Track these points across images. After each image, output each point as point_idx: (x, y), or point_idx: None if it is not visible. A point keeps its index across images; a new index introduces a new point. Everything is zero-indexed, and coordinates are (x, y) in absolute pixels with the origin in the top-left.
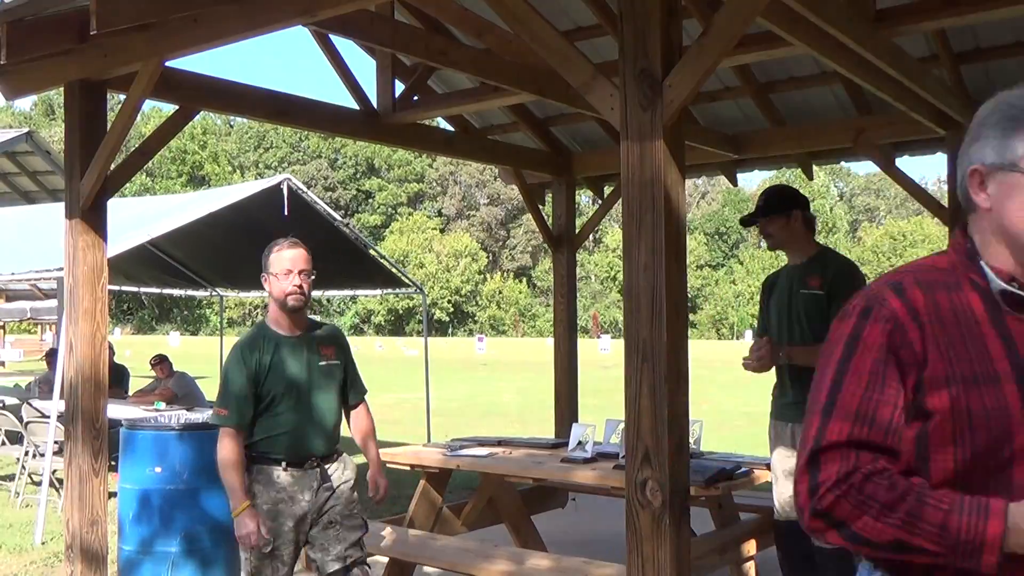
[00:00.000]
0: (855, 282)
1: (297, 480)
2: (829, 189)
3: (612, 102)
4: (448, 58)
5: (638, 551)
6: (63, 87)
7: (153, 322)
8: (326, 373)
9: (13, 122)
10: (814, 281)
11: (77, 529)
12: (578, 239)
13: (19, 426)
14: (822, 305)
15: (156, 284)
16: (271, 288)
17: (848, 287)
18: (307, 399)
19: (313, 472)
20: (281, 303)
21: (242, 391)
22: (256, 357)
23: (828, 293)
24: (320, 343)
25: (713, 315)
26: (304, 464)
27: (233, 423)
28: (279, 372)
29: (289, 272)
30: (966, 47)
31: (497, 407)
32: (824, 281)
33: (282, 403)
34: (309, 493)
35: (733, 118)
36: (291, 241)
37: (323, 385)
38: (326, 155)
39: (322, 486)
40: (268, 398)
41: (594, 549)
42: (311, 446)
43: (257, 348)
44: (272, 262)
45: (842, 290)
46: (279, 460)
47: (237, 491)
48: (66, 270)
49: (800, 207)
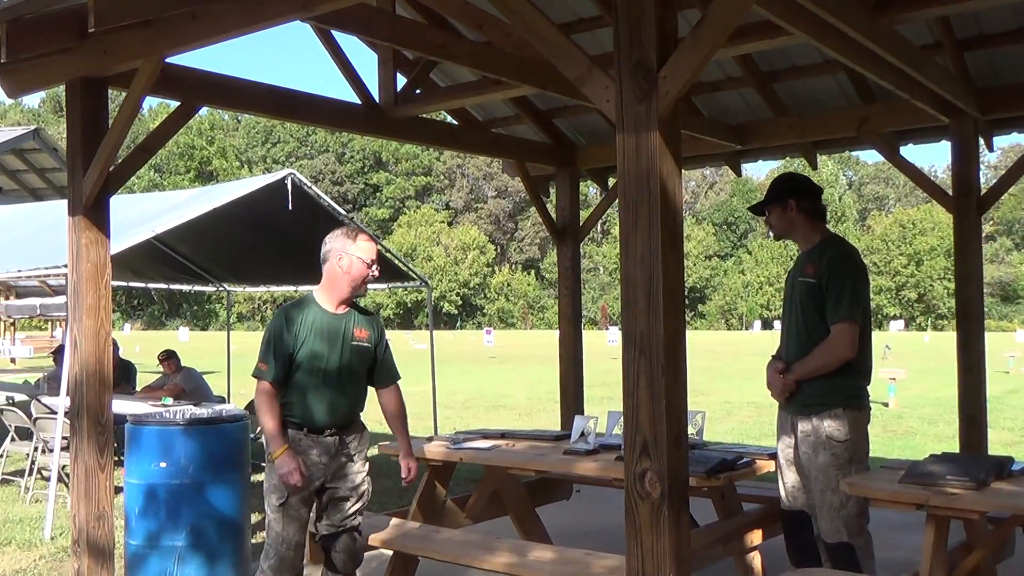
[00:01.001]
0: (844, 270)
1: (316, 443)
2: (838, 178)
3: (608, 94)
4: (448, 51)
5: (638, 542)
6: (64, 85)
7: (163, 317)
8: (356, 353)
9: (22, 119)
10: (810, 269)
11: (84, 524)
12: (582, 231)
13: (28, 422)
14: (815, 293)
15: (163, 280)
16: (350, 266)
17: (838, 275)
18: (333, 374)
19: (332, 440)
20: (356, 285)
21: (283, 350)
22: (299, 324)
23: (820, 282)
24: (357, 325)
25: (722, 305)
26: (323, 432)
27: (270, 378)
28: (313, 344)
29: (372, 262)
30: (969, 34)
31: (505, 400)
32: (818, 269)
33: (309, 373)
34: (326, 458)
35: (736, 108)
36: (369, 234)
37: (351, 364)
38: (334, 149)
39: (341, 452)
40: (298, 365)
41: (599, 540)
42: (329, 416)
43: (301, 316)
44: (361, 247)
45: (833, 279)
46: (300, 425)
47: (276, 435)
48: (70, 267)
49: (799, 196)
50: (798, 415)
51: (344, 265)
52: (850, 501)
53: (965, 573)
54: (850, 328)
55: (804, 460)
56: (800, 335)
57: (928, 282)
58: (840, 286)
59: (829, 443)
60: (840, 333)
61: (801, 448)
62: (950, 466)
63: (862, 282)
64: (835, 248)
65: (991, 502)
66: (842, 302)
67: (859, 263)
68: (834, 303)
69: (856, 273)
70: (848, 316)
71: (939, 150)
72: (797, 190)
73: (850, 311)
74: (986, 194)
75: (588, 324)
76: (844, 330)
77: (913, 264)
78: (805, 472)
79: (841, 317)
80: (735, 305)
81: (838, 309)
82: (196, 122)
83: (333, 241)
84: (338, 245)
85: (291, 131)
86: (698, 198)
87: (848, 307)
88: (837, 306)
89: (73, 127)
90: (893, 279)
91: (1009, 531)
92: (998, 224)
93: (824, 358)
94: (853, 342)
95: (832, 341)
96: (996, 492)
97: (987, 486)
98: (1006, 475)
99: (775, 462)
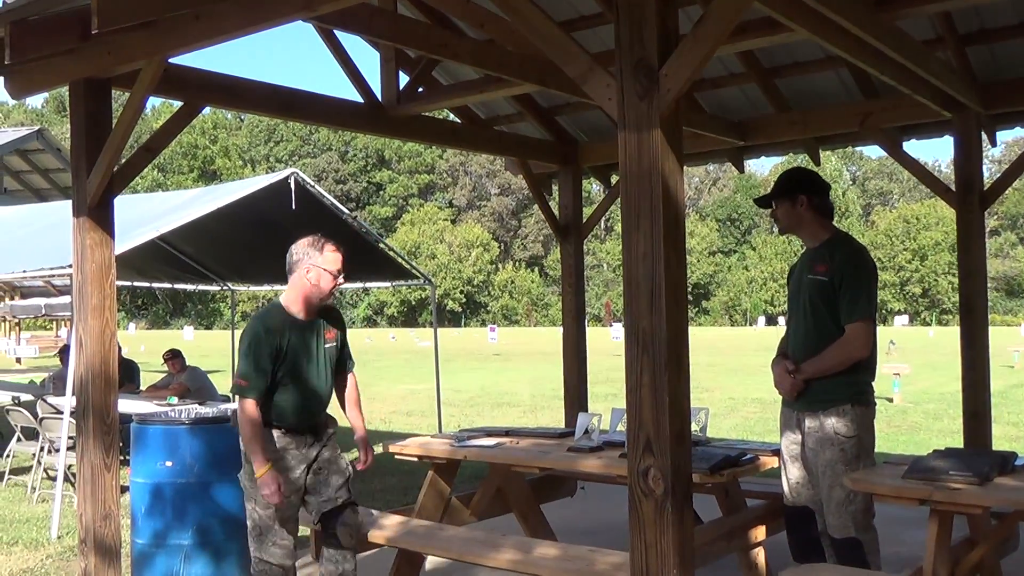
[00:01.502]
0: (860, 270)
1: (293, 438)
2: (842, 173)
3: (609, 92)
4: (449, 50)
5: (641, 539)
6: (68, 86)
7: (167, 317)
8: (328, 355)
9: (26, 120)
10: (821, 267)
11: (90, 523)
12: (585, 228)
13: (34, 422)
14: (827, 291)
15: (168, 280)
16: (318, 279)
17: (854, 275)
18: (311, 380)
19: (309, 435)
20: (321, 295)
21: (262, 367)
22: (276, 340)
23: (832, 281)
24: (326, 328)
25: (726, 301)
26: (302, 431)
27: (255, 395)
28: (291, 357)
29: (339, 272)
30: (971, 28)
31: (509, 397)
32: (830, 268)
33: (289, 383)
34: (304, 448)
35: (738, 104)
36: (336, 243)
37: (324, 365)
38: (336, 148)
39: (316, 441)
40: (278, 377)
41: (603, 537)
42: (308, 417)
43: (276, 331)
44: (327, 258)
45: (847, 278)
46: (280, 427)
47: (259, 456)
48: (74, 267)
49: (808, 191)
50: (805, 411)
51: (312, 278)
52: (857, 496)
53: (969, 568)
54: (867, 328)
55: (811, 456)
56: (809, 332)
57: (933, 277)
58: (856, 286)
59: (836, 439)
60: (857, 333)
61: (808, 444)
62: (953, 461)
63: (874, 281)
64: (848, 247)
65: (994, 497)
66: (859, 302)
67: (871, 262)
68: (850, 302)
69: (871, 272)
70: (864, 316)
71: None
72: (808, 185)
73: (866, 311)
74: (989, 189)
75: (592, 321)
76: (861, 330)
77: (918, 259)
78: (812, 468)
79: (858, 317)
80: (739, 301)
81: (855, 309)
82: (199, 121)
83: (299, 251)
84: (305, 257)
85: (294, 130)
86: (702, 194)
87: (864, 307)
88: (854, 305)
89: (77, 128)
90: (898, 274)
91: (1013, 526)
92: (1003, 219)
93: (839, 357)
94: (869, 342)
95: (848, 340)
96: (999, 487)
97: (990, 481)
98: (1009, 470)
99: (779, 458)
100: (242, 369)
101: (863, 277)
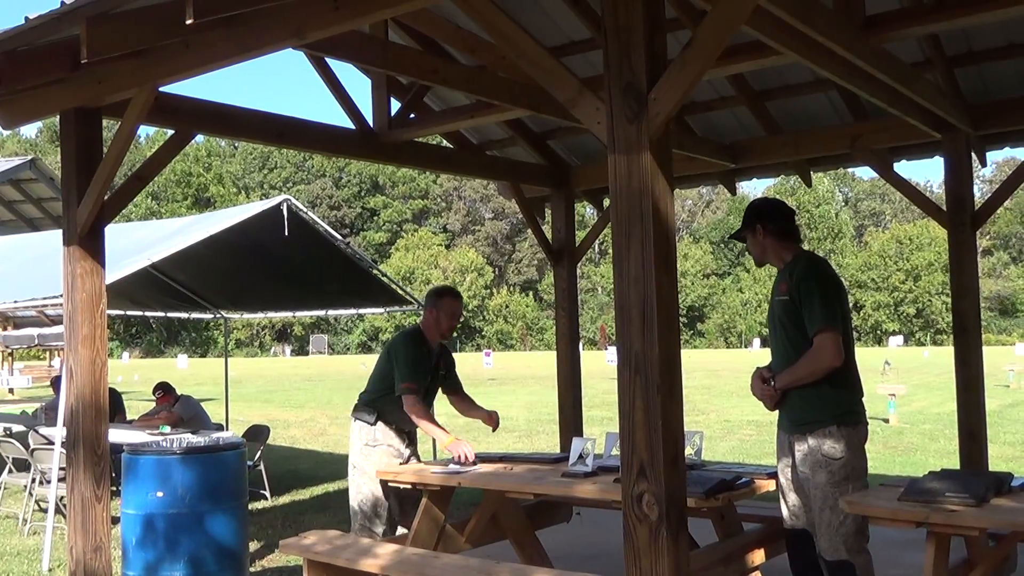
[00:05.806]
0: (812, 282)
1: (397, 435)
2: (834, 194)
3: (599, 116)
4: (440, 76)
5: (636, 565)
6: (59, 115)
7: (161, 345)
8: (437, 378)
9: (19, 149)
10: (783, 286)
11: (81, 555)
12: (578, 251)
13: (26, 453)
14: (789, 310)
15: (161, 308)
16: (438, 320)
17: (808, 288)
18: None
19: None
20: (443, 333)
21: (422, 372)
22: (423, 354)
23: (792, 298)
24: (439, 357)
25: (721, 324)
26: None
27: (416, 391)
28: (420, 370)
29: (454, 315)
30: (959, 51)
31: (505, 422)
32: (789, 286)
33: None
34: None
35: (729, 127)
36: (458, 294)
37: (433, 384)
38: (331, 174)
39: (409, 443)
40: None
41: (599, 563)
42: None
43: (422, 349)
44: (448, 306)
45: (803, 292)
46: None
47: (440, 431)
48: (65, 297)
49: (764, 220)
50: (793, 434)
51: (435, 318)
52: (848, 519)
53: None
54: (832, 336)
55: (802, 479)
56: (787, 352)
57: (927, 297)
58: (810, 298)
59: (825, 462)
60: (823, 343)
61: (799, 468)
62: (949, 483)
63: (832, 290)
64: (804, 263)
65: (991, 518)
66: (815, 312)
67: (827, 273)
68: (808, 315)
69: (825, 282)
70: (826, 324)
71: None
72: (762, 215)
73: (825, 319)
74: (980, 209)
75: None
76: (827, 339)
77: (911, 279)
78: (804, 491)
79: (820, 327)
80: (734, 323)
81: (814, 320)
82: (192, 149)
83: (431, 298)
84: (432, 303)
85: (288, 157)
86: (695, 217)
87: (822, 316)
88: (812, 317)
89: (67, 157)
90: (891, 295)
91: (1010, 547)
92: (995, 238)
93: (809, 367)
94: (838, 350)
95: (815, 350)
96: (996, 508)
97: (987, 502)
98: (1006, 491)
99: (775, 481)
100: (405, 374)
101: (818, 288)
